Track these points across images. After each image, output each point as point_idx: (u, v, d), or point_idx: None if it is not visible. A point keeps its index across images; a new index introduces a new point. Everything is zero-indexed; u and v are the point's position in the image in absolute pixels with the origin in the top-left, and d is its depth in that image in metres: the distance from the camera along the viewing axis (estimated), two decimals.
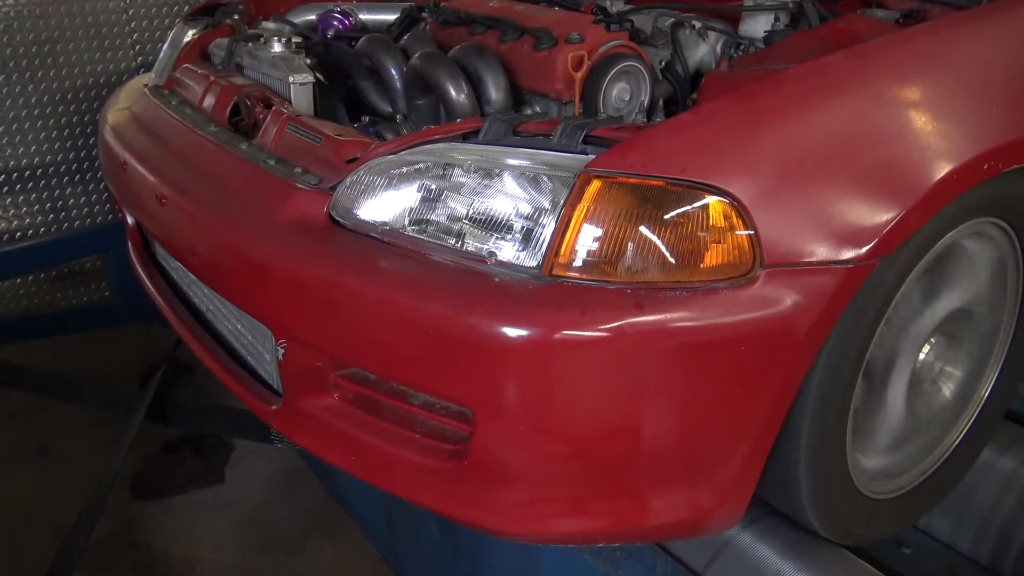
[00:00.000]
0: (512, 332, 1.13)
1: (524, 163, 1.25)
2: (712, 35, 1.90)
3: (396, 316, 1.23)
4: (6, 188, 3.21)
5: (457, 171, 1.27)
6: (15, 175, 3.21)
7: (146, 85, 2.05)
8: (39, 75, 3.15)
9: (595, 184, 1.18)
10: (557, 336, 1.13)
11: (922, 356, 1.55)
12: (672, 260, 1.17)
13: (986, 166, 1.32)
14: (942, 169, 1.28)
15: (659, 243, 1.17)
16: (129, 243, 2.05)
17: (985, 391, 1.69)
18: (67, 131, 3.26)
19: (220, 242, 1.44)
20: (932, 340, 1.55)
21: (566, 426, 1.18)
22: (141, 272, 1.95)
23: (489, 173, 1.25)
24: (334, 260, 1.29)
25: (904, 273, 1.35)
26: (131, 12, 3.28)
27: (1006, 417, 1.84)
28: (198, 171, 1.57)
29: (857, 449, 1.51)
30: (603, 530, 1.30)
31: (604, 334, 1.13)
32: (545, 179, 1.21)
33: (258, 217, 1.40)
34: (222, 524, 2.40)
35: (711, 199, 1.17)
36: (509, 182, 1.23)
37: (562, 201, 1.19)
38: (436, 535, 1.95)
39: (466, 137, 1.37)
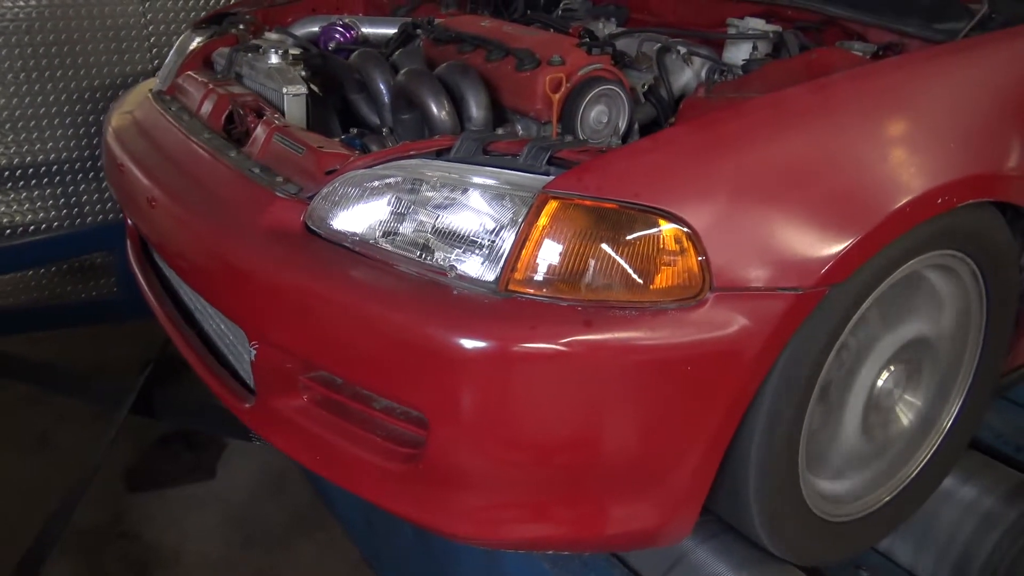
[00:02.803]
0: (464, 343, 1.18)
1: (488, 181, 1.30)
2: (697, 61, 1.95)
3: (360, 323, 1.29)
4: (22, 183, 3.30)
5: (425, 186, 1.33)
6: (31, 171, 3.31)
7: (150, 90, 2.12)
8: (57, 75, 3.25)
9: (552, 204, 1.23)
10: (506, 349, 1.18)
11: (880, 383, 1.58)
12: (623, 280, 1.22)
13: (940, 200, 1.36)
14: (895, 201, 1.32)
15: (611, 264, 1.22)
16: (128, 242, 2.12)
17: (948, 422, 1.72)
18: (83, 129, 3.35)
19: (201, 245, 1.51)
20: (891, 368, 1.59)
21: (515, 435, 1.23)
22: (137, 270, 2.02)
23: (454, 189, 1.30)
24: (305, 268, 1.35)
25: (858, 300, 1.39)
26: (148, 16, 3.37)
27: (971, 446, 1.87)
28: (187, 176, 1.63)
29: (812, 471, 1.55)
30: (553, 537, 1.34)
31: (552, 349, 1.18)
32: (506, 197, 1.27)
33: (238, 223, 1.46)
34: (210, 518, 2.46)
35: (663, 223, 1.22)
36: (472, 199, 1.29)
37: (520, 219, 1.24)
38: (410, 537, 2.00)
39: (440, 153, 1.42)
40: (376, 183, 1.37)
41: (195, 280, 1.57)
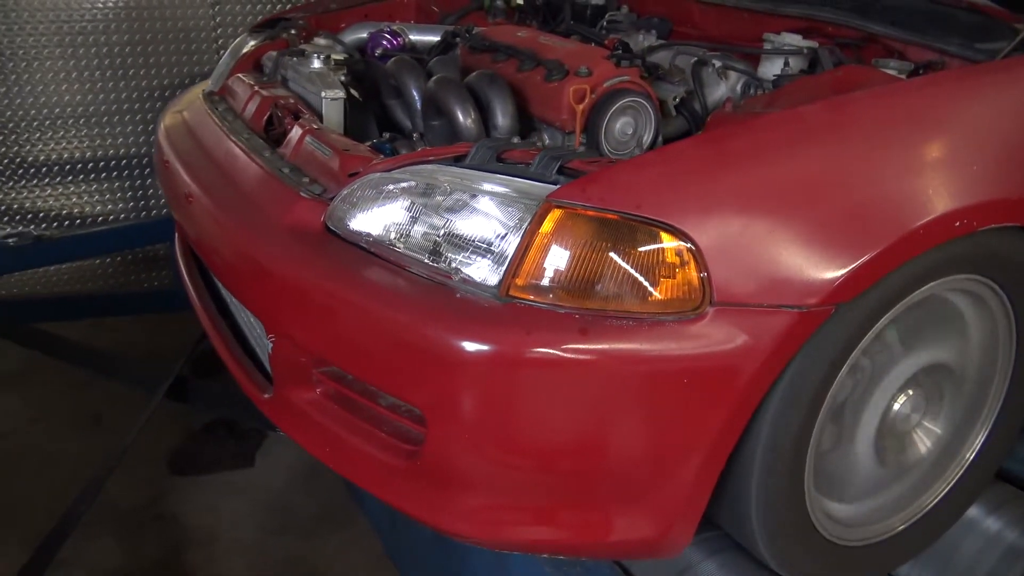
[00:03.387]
0: (460, 345, 1.21)
1: (497, 188, 1.33)
2: (732, 75, 1.95)
3: (367, 321, 1.33)
4: (93, 175, 3.48)
5: (438, 192, 1.37)
6: (102, 164, 3.48)
7: (203, 91, 2.21)
8: (130, 73, 3.41)
9: (555, 213, 1.26)
10: (501, 353, 1.20)
11: (896, 407, 1.55)
12: (621, 291, 1.24)
13: (958, 223, 1.34)
14: (908, 223, 1.30)
15: (610, 274, 1.24)
16: (176, 235, 2.22)
17: (971, 454, 1.68)
18: (151, 127, 3.50)
19: (228, 240, 1.58)
20: (909, 392, 1.56)
21: (508, 437, 1.26)
22: (181, 263, 2.12)
23: (464, 195, 1.34)
24: (321, 266, 1.40)
25: (869, 321, 1.37)
26: (217, 19, 3.51)
27: (1001, 478, 1.82)
28: (223, 174, 1.71)
29: (822, 492, 1.53)
30: (549, 541, 1.36)
31: (546, 355, 1.20)
32: (512, 204, 1.29)
33: (263, 220, 1.52)
34: (245, 505, 2.54)
35: (664, 235, 1.23)
36: (481, 204, 1.32)
37: (524, 227, 1.27)
38: (429, 534, 2.03)
39: (457, 160, 1.46)
40: (392, 187, 1.41)
41: (223, 274, 1.64)
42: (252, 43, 2.31)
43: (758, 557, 1.51)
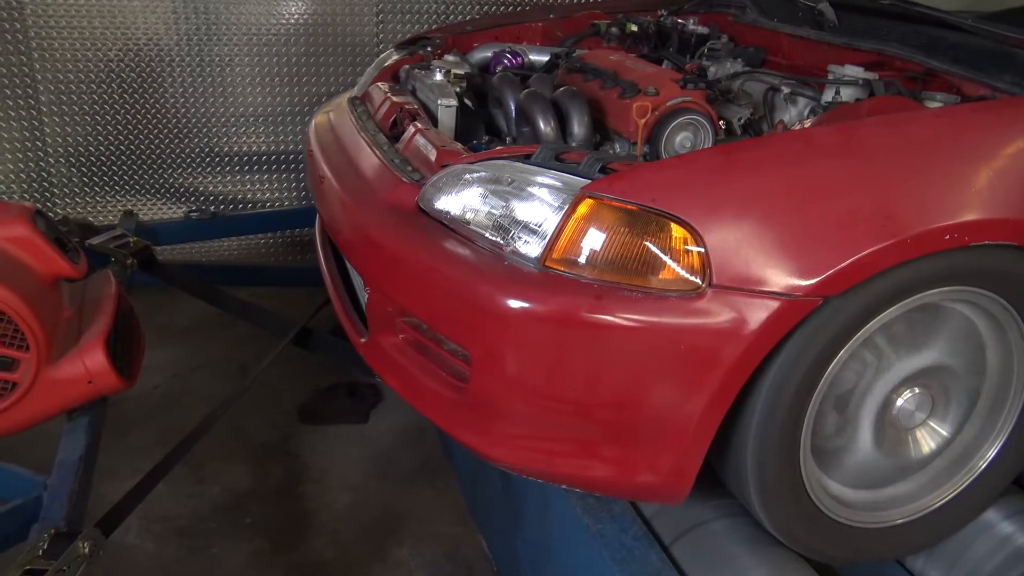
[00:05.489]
0: (503, 301, 1.52)
1: (548, 180, 1.63)
2: (801, 100, 2.15)
3: (440, 280, 1.66)
4: (265, 167, 4.05)
5: (503, 181, 1.68)
6: (273, 157, 4.04)
7: (349, 96, 2.64)
8: (303, 80, 3.95)
9: (588, 202, 1.54)
10: (532, 309, 1.50)
11: (899, 402, 1.71)
12: (634, 268, 1.50)
13: (948, 236, 1.51)
14: (899, 232, 1.49)
15: (626, 254, 1.51)
16: (317, 216, 2.66)
17: (982, 463, 1.80)
18: None
19: (345, 212, 1.96)
20: (914, 390, 1.72)
21: (532, 375, 1.55)
22: (317, 238, 2.54)
23: (522, 185, 1.65)
24: (409, 235, 1.75)
25: (863, 316, 1.56)
26: (380, 36, 3.99)
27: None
28: (349, 162, 2.10)
29: (824, 471, 1.72)
30: (563, 473, 1.64)
31: (566, 314, 1.49)
32: (555, 194, 1.59)
33: (372, 198, 1.89)
34: (355, 453, 2.95)
35: (673, 226, 1.49)
36: (533, 193, 1.62)
37: (562, 212, 1.56)
38: (499, 487, 2.35)
39: (525, 158, 1.77)
40: (469, 176, 1.74)
41: (339, 238, 2.03)
42: (395, 57, 2.72)
43: (755, 517, 1.72)
